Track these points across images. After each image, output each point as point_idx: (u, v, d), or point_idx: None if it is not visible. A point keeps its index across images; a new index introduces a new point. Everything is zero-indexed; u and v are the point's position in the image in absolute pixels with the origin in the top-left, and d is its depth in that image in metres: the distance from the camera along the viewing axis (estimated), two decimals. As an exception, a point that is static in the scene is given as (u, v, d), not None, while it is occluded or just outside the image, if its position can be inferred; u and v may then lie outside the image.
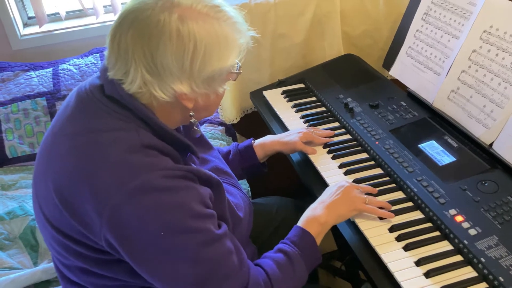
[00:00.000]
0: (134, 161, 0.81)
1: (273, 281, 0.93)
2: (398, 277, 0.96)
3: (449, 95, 1.35)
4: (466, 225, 1.03)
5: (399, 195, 1.17)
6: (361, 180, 1.22)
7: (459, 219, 1.05)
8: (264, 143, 1.34)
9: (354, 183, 1.16)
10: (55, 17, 2.13)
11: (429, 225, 1.08)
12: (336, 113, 1.48)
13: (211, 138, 1.80)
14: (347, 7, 1.78)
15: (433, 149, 1.26)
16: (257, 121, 1.76)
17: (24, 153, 1.79)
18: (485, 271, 0.94)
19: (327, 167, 1.29)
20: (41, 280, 1.33)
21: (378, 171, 1.26)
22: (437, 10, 1.46)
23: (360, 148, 1.35)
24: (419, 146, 1.28)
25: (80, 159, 0.83)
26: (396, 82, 1.61)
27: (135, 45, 0.81)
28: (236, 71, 0.93)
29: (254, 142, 1.34)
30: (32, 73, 1.91)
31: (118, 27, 0.84)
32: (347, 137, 1.40)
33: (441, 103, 1.38)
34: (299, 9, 1.74)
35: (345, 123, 1.43)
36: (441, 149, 1.26)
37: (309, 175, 1.31)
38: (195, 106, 0.90)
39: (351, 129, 1.40)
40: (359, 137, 1.36)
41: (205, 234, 0.84)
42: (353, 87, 1.58)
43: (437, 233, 1.06)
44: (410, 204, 1.14)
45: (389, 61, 1.62)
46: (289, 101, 1.60)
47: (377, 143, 1.32)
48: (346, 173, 1.26)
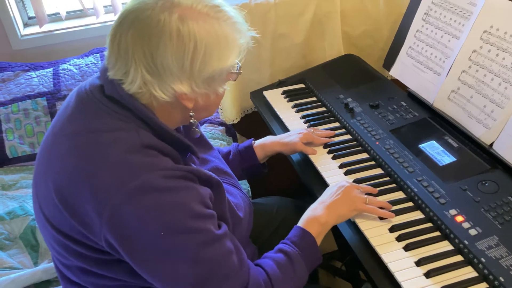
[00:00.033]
0: (134, 161, 0.81)
1: (273, 281, 0.93)
2: (398, 277, 0.96)
3: (449, 95, 1.35)
4: (466, 225, 1.03)
5: (400, 195, 1.17)
6: (362, 180, 1.22)
7: (460, 219, 1.05)
8: (264, 144, 1.34)
9: (354, 183, 1.16)
10: (55, 17, 2.13)
11: (430, 225, 1.08)
12: (336, 113, 1.48)
13: (212, 138, 1.80)
14: (347, 7, 1.78)
15: (433, 149, 1.26)
16: (257, 121, 1.76)
17: (24, 153, 1.79)
18: (486, 271, 0.94)
19: (328, 167, 1.29)
20: (42, 280, 1.33)
21: (378, 171, 1.26)
22: (437, 10, 1.46)
23: (360, 148, 1.35)
24: (419, 146, 1.28)
25: (80, 159, 0.83)
26: (396, 82, 1.61)
27: (135, 45, 0.81)
28: (236, 71, 0.93)
29: (254, 142, 1.34)
30: (32, 73, 1.91)
31: (118, 27, 0.84)
32: (348, 137, 1.40)
33: (441, 103, 1.38)
34: (299, 9, 1.74)
35: (345, 123, 1.43)
36: (442, 149, 1.26)
37: (309, 175, 1.31)
38: (195, 106, 0.90)
39: (352, 129, 1.40)
40: (359, 137, 1.36)
41: (205, 234, 0.84)
42: (354, 87, 1.58)
43: (438, 233, 1.06)
44: (410, 204, 1.14)
45: (389, 61, 1.62)
46: (289, 101, 1.60)
47: (377, 143, 1.32)
48: (346, 173, 1.26)
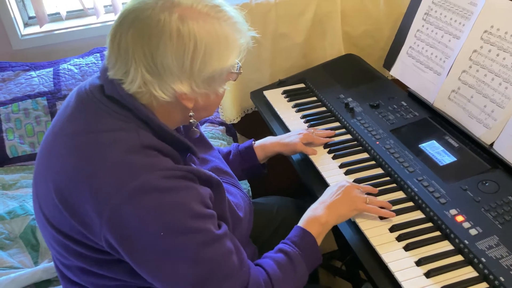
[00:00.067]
0: (134, 162, 0.81)
1: (273, 281, 0.93)
2: (398, 277, 0.96)
3: (449, 95, 1.35)
4: (466, 225, 1.03)
5: (400, 195, 1.17)
6: (362, 180, 1.22)
7: (460, 219, 1.05)
8: (264, 144, 1.34)
9: (354, 183, 1.16)
10: (55, 17, 2.13)
11: (430, 225, 1.08)
12: (336, 113, 1.48)
13: (212, 137, 1.80)
14: (347, 7, 1.78)
15: (433, 149, 1.26)
16: (257, 121, 1.76)
17: (24, 152, 1.79)
18: (486, 271, 0.94)
19: (328, 167, 1.29)
20: (42, 279, 1.33)
21: (378, 171, 1.26)
22: (438, 10, 1.46)
23: (360, 148, 1.35)
24: (419, 146, 1.28)
25: (80, 159, 0.83)
26: (396, 82, 1.61)
27: (135, 45, 0.81)
28: (236, 71, 0.93)
29: (254, 143, 1.34)
30: (32, 73, 1.91)
31: (118, 26, 0.84)
32: (348, 137, 1.40)
33: (441, 103, 1.38)
34: (300, 9, 1.74)
35: (345, 123, 1.43)
36: (442, 149, 1.26)
37: (309, 175, 1.31)
38: (195, 106, 0.90)
39: (352, 129, 1.40)
40: (359, 137, 1.36)
41: (205, 234, 0.84)
42: (354, 87, 1.58)
43: (438, 233, 1.06)
44: (410, 204, 1.14)
45: (389, 61, 1.62)
46: (289, 101, 1.60)
47: (377, 143, 1.32)
48: (346, 173, 1.26)
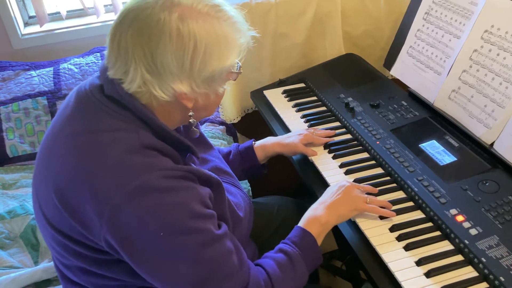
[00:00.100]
0: (134, 162, 0.81)
1: (273, 281, 0.93)
2: (398, 276, 0.96)
3: (450, 94, 1.35)
4: (467, 225, 1.03)
5: (400, 194, 1.17)
6: (362, 179, 1.22)
7: (460, 219, 1.05)
8: (264, 145, 1.34)
9: (354, 182, 1.16)
10: (55, 16, 2.13)
11: (430, 225, 1.08)
12: (336, 112, 1.48)
13: (212, 137, 1.80)
14: (348, 7, 1.78)
15: (434, 148, 1.26)
16: (257, 121, 1.76)
17: (24, 152, 1.79)
18: (486, 271, 0.94)
19: (328, 166, 1.29)
20: (42, 279, 1.33)
21: (378, 170, 1.26)
22: (438, 9, 1.46)
23: (360, 147, 1.35)
24: (420, 145, 1.28)
25: (80, 159, 0.82)
26: (397, 81, 1.61)
27: (135, 44, 0.81)
28: (236, 71, 0.92)
29: (254, 143, 1.34)
30: (33, 72, 1.91)
31: (118, 26, 0.84)
32: (348, 136, 1.40)
33: (442, 103, 1.38)
34: (300, 8, 1.74)
35: (345, 122, 1.43)
36: (442, 148, 1.25)
37: (309, 174, 1.30)
38: (194, 105, 0.90)
39: (352, 129, 1.40)
40: (359, 136, 1.36)
41: (205, 234, 0.84)
42: (354, 86, 1.58)
43: (438, 233, 1.05)
44: (410, 203, 1.14)
45: (390, 60, 1.62)
46: (289, 101, 1.60)
47: (378, 142, 1.32)
48: (346, 173, 1.26)
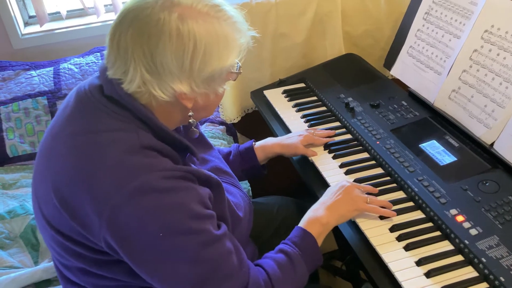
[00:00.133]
0: (133, 162, 0.81)
1: (273, 281, 0.93)
2: (398, 277, 0.96)
3: (450, 94, 1.35)
4: (467, 225, 1.03)
5: (400, 195, 1.17)
6: (362, 179, 1.22)
7: (460, 219, 1.05)
8: (264, 146, 1.34)
9: (355, 182, 1.16)
10: (56, 16, 2.13)
11: (430, 225, 1.08)
12: (337, 112, 1.48)
13: (212, 137, 1.80)
14: (348, 7, 1.78)
15: (434, 148, 1.26)
16: (257, 121, 1.76)
17: (24, 152, 1.79)
18: (486, 271, 0.94)
19: (328, 166, 1.29)
20: (42, 279, 1.33)
21: (379, 170, 1.26)
22: (438, 9, 1.45)
23: (361, 147, 1.35)
24: (420, 145, 1.28)
25: (79, 159, 0.82)
26: (397, 81, 1.61)
27: (135, 44, 0.81)
28: (236, 71, 0.92)
29: (254, 144, 1.34)
30: (33, 72, 1.91)
31: (117, 25, 0.84)
32: (348, 136, 1.40)
33: (442, 103, 1.37)
34: (300, 8, 1.74)
35: (346, 122, 1.43)
36: (442, 148, 1.25)
37: (309, 174, 1.30)
38: (194, 105, 0.90)
39: (352, 129, 1.40)
40: (360, 136, 1.36)
41: (205, 234, 0.84)
42: (354, 86, 1.58)
43: (438, 233, 1.05)
44: (411, 204, 1.14)
45: (390, 60, 1.62)
46: (290, 101, 1.60)
47: (378, 142, 1.32)
48: (346, 173, 1.26)
